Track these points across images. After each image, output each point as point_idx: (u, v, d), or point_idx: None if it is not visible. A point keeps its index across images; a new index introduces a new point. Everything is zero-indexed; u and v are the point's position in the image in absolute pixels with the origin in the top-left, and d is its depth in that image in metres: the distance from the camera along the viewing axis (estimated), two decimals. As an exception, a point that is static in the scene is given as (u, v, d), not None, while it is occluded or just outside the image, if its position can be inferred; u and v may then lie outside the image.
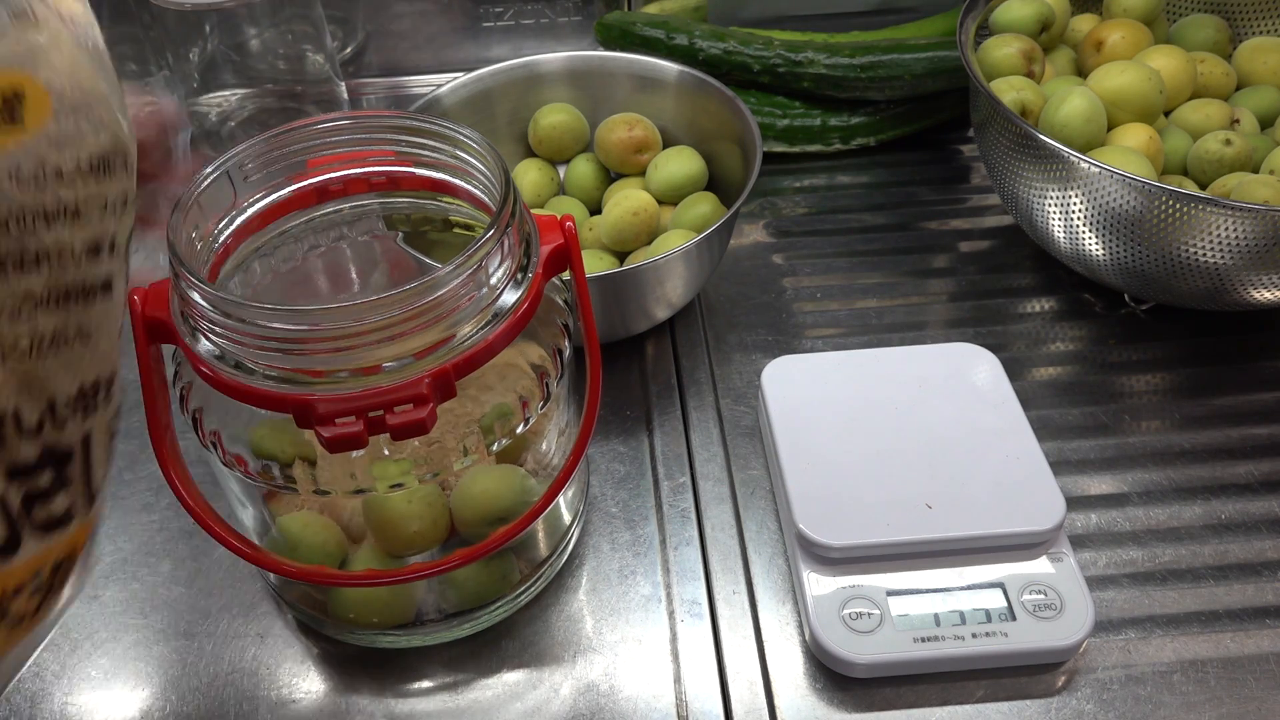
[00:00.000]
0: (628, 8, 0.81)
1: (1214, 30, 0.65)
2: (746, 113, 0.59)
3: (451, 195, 0.42)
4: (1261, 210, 0.49)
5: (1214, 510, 0.51)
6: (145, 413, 0.39)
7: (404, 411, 0.34)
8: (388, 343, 0.34)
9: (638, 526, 0.51)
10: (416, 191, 0.43)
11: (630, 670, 0.45)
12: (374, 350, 0.34)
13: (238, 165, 0.39)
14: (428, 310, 0.34)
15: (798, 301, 0.64)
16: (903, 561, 0.45)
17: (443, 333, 0.35)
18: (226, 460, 0.39)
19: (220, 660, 0.46)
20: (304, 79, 0.73)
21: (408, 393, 0.34)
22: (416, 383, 0.34)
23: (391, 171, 0.42)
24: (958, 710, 0.43)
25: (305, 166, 0.41)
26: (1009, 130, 0.57)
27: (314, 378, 0.34)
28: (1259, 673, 0.44)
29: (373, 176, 0.42)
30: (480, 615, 0.46)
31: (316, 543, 0.43)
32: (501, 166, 0.38)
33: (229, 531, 0.41)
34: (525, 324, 0.37)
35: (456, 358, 0.35)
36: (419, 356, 0.35)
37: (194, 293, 0.34)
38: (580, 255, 0.41)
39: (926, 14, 0.81)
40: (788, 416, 0.50)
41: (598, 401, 0.43)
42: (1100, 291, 0.63)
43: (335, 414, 0.34)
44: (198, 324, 0.35)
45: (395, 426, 0.34)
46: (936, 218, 0.70)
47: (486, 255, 0.35)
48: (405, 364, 0.34)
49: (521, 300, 0.37)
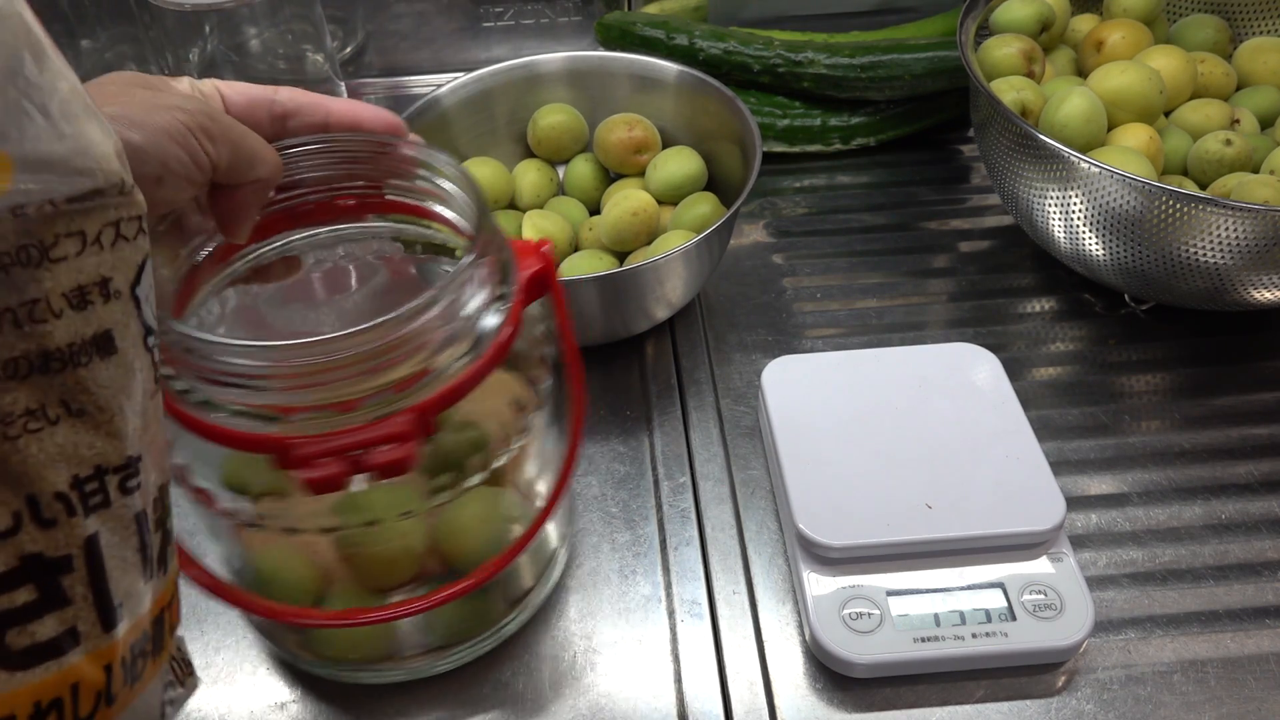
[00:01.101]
0: (628, 8, 0.81)
1: (1214, 30, 0.65)
2: (746, 113, 0.59)
3: (427, 219, 0.41)
4: (1261, 210, 0.49)
5: (1214, 510, 0.51)
6: None
7: (385, 450, 0.33)
8: (364, 377, 0.32)
9: (638, 526, 0.51)
10: (389, 216, 0.41)
11: (630, 670, 0.45)
12: (349, 385, 0.32)
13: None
14: (403, 343, 0.32)
15: (798, 301, 0.64)
16: (903, 561, 0.45)
17: (420, 365, 0.33)
18: (196, 497, 0.37)
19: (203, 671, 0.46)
20: (304, 79, 0.73)
21: (387, 430, 0.33)
22: (395, 419, 0.33)
23: (362, 196, 0.40)
24: (958, 710, 0.43)
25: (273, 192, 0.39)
26: (1009, 130, 0.57)
27: (287, 414, 0.33)
28: (1259, 673, 0.44)
29: (341, 199, 0.40)
30: (461, 650, 0.45)
31: (292, 580, 0.41)
32: (476, 193, 0.37)
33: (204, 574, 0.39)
34: (505, 354, 0.36)
35: (436, 392, 0.34)
36: (397, 390, 0.33)
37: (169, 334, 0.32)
38: (557, 281, 0.39)
39: (926, 14, 0.81)
40: (788, 416, 0.50)
41: (580, 428, 0.43)
42: (1100, 291, 0.63)
43: (314, 455, 0.32)
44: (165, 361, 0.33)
45: (377, 466, 0.33)
46: (936, 218, 0.70)
47: (463, 285, 0.34)
48: (384, 399, 0.33)
49: (500, 329, 0.36)
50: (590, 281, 0.52)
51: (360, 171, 0.40)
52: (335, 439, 0.33)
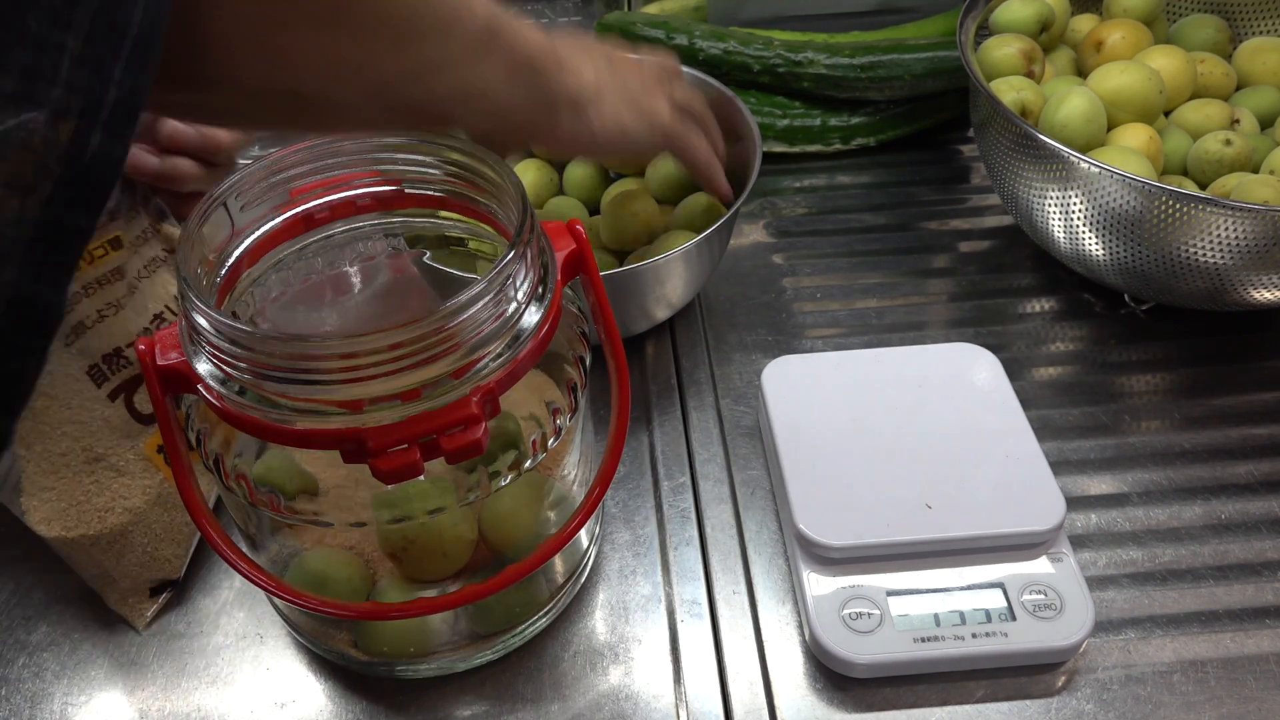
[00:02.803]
0: (628, 8, 0.81)
1: (1214, 30, 0.65)
2: (746, 112, 0.59)
3: (449, 210, 0.41)
4: (1261, 210, 0.49)
5: (1214, 510, 0.51)
6: (171, 464, 0.38)
7: (457, 433, 0.33)
8: (427, 365, 0.33)
9: (638, 526, 0.51)
10: (407, 210, 0.42)
11: (630, 670, 0.45)
12: (414, 374, 0.33)
13: (233, 195, 0.38)
14: (462, 330, 0.33)
15: (798, 301, 0.64)
16: (903, 561, 0.45)
17: (475, 352, 0.34)
18: (256, 500, 0.38)
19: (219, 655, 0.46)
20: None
21: (458, 414, 0.33)
22: (465, 403, 0.33)
23: (378, 193, 0.41)
24: (958, 710, 0.43)
25: (289, 195, 0.39)
26: (1009, 130, 0.57)
27: (355, 409, 0.33)
28: (1259, 673, 0.44)
29: (358, 200, 0.41)
30: (511, 636, 0.45)
31: (342, 578, 0.41)
32: (513, 179, 0.37)
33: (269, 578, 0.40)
34: (553, 334, 0.37)
35: (499, 373, 0.34)
36: (456, 376, 0.34)
37: (228, 335, 0.32)
38: (594, 257, 0.40)
39: (926, 14, 0.81)
40: (788, 416, 0.50)
41: (628, 405, 0.43)
42: (1100, 291, 0.63)
43: (391, 442, 0.33)
44: (229, 369, 0.33)
45: (451, 450, 0.33)
46: (936, 218, 0.70)
47: (513, 269, 0.34)
48: (445, 386, 0.33)
49: (547, 311, 0.36)
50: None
51: (374, 168, 0.40)
52: (410, 426, 0.33)
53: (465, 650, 0.44)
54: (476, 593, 0.40)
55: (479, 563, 0.42)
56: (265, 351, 0.32)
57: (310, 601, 0.40)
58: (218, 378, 0.34)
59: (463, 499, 0.38)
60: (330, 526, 0.39)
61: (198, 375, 0.35)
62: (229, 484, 0.38)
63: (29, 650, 0.47)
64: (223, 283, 0.38)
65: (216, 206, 0.37)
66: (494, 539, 0.42)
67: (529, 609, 0.45)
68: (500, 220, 0.39)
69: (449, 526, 0.41)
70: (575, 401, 0.41)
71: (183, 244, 0.35)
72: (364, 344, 0.32)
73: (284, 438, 0.34)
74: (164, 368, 0.36)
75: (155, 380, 0.36)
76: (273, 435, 0.34)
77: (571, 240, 0.39)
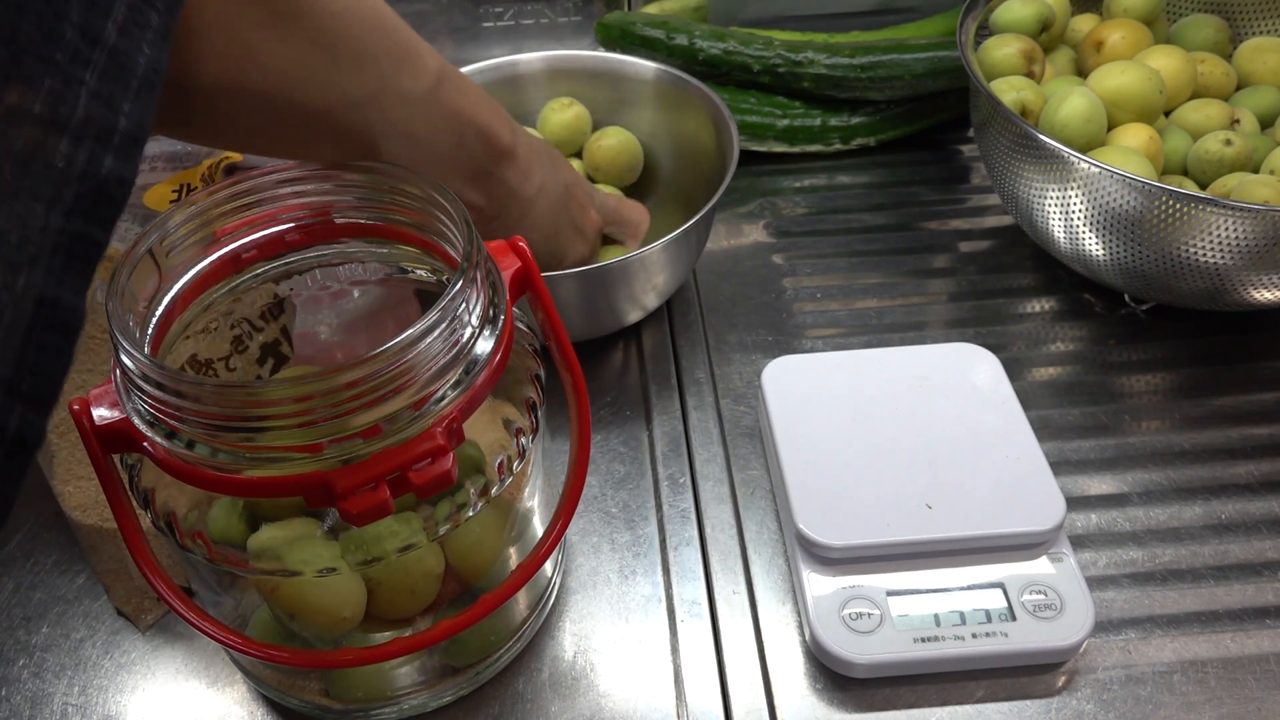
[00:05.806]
0: (628, 8, 0.81)
1: (1214, 30, 0.65)
2: (722, 106, 0.60)
3: (384, 237, 0.40)
4: (1261, 210, 0.49)
5: (1214, 510, 0.51)
6: (119, 526, 0.37)
7: (425, 467, 0.32)
8: (385, 400, 0.32)
9: (638, 526, 0.51)
10: (339, 241, 0.41)
11: (630, 670, 0.45)
12: (371, 411, 0.32)
13: (158, 241, 0.36)
14: (418, 361, 0.32)
15: (798, 301, 0.64)
16: (903, 561, 0.45)
17: (433, 383, 0.33)
18: (216, 557, 0.36)
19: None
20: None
21: (424, 447, 0.32)
22: (429, 434, 0.32)
23: (306, 225, 0.40)
24: (958, 710, 0.43)
25: (214, 237, 0.38)
26: (1009, 130, 0.57)
27: (314, 453, 0.32)
28: (1259, 673, 0.44)
29: (286, 235, 0.40)
30: (482, 667, 0.44)
31: (319, 624, 0.39)
32: (453, 200, 0.37)
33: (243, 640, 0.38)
34: (507, 358, 0.36)
35: (460, 401, 0.33)
36: (416, 408, 0.33)
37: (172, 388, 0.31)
38: (540, 276, 0.39)
39: (926, 14, 0.81)
40: (788, 416, 0.50)
41: (589, 418, 0.42)
42: (1100, 291, 0.63)
43: (355, 485, 0.32)
44: (173, 422, 0.32)
45: (421, 484, 0.32)
46: (936, 218, 0.70)
47: (463, 296, 0.34)
48: (404, 419, 0.32)
49: (501, 333, 0.36)
50: (568, 277, 0.52)
51: (299, 200, 0.39)
52: (375, 464, 0.32)
53: (438, 686, 0.43)
54: (454, 626, 0.38)
55: (446, 595, 0.41)
56: (215, 402, 0.31)
57: (283, 654, 0.38)
58: (163, 433, 0.33)
59: (432, 533, 0.37)
60: (299, 576, 0.37)
61: (140, 433, 0.33)
62: (185, 543, 0.36)
63: (29, 650, 0.47)
64: (155, 332, 0.36)
65: (142, 255, 0.36)
66: (464, 569, 0.41)
67: (504, 635, 0.44)
68: (439, 245, 0.38)
69: (414, 562, 0.39)
70: (535, 421, 0.40)
71: (111, 297, 0.33)
72: (318, 385, 0.31)
73: (242, 489, 0.33)
74: (103, 428, 0.34)
75: (95, 442, 0.34)
76: (230, 489, 0.33)
77: (516, 259, 0.39)
